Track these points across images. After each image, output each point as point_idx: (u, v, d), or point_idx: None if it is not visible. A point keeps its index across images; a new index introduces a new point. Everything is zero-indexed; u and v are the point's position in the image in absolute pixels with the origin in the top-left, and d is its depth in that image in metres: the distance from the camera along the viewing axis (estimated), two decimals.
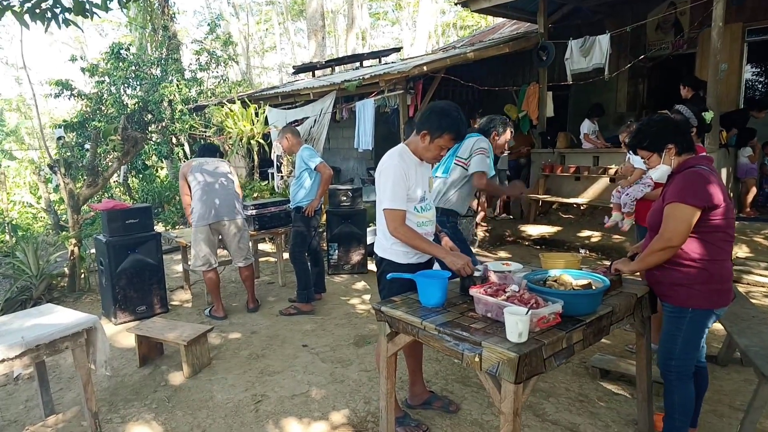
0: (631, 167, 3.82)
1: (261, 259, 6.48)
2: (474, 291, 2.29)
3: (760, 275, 5.32)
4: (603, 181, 7.89)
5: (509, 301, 2.16)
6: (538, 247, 7.26)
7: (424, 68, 6.99)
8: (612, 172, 7.75)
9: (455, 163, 3.70)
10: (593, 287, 2.32)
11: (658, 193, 3.58)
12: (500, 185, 3.93)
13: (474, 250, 4.91)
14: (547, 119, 8.83)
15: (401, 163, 2.53)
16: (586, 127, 8.34)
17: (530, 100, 8.73)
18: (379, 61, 11.66)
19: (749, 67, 9.52)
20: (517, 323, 1.94)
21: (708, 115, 6.72)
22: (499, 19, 12.71)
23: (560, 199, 8.02)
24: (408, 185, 2.55)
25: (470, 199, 3.82)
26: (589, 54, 7.81)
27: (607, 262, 2.61)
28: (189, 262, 5.02)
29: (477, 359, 1.98)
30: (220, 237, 4.66)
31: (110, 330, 4.37)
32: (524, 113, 8.76)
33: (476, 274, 2.60)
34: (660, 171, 2.45)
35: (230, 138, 7.89)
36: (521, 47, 8.27)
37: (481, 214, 5.57)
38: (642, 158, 2.52)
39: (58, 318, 2.73)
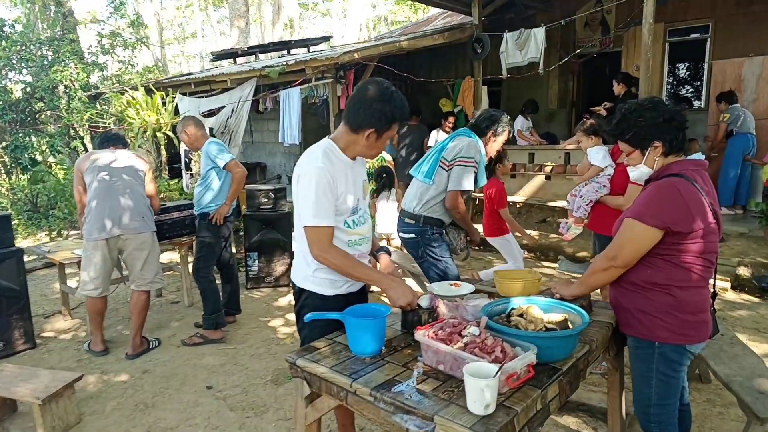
0: (587, 164, 3.42)
1: (165, 273, 5.51)
2: (421, 335, 1.73)
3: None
4: (539, 179, 7.71)
5: (468, 351, 1.63)
6: (477, 248, 6.90)
7: (355, 55, 6.41)
8: (548, 169, 7.58)
9: (440, 166, 3.07)
10: (569, 324, 1.84)
11: (620, 203, 3.21)
12: (469, 222, 3.26)
13: (461, 263, 4.34)
14: None
15: (327, 166, 1.92)
16: (520, 123, 8.15)
17: (465, 94, 8.44)
18: (308, 50, 10.89)
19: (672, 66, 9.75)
20: (483, 391, 1.40)
21: None
22: (432, 11, 12.38)
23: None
24: (336, 193, 1.95)
25: None
26: (524, 47, 7.58)
27: (547, 264, 2.14)
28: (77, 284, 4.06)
29: None
30: (120, 255, 3.76)
31: None
32: (460, 108, 8.44)
33: (423, 304, 2.05)
34: (639, 172, 2.00)
35: (131, 130, 6.88)
36: (456, 39, 7.91)
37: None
38: (624, 153, 2.04)
39: None
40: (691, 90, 11.03)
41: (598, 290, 3.25)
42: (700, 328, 1.90)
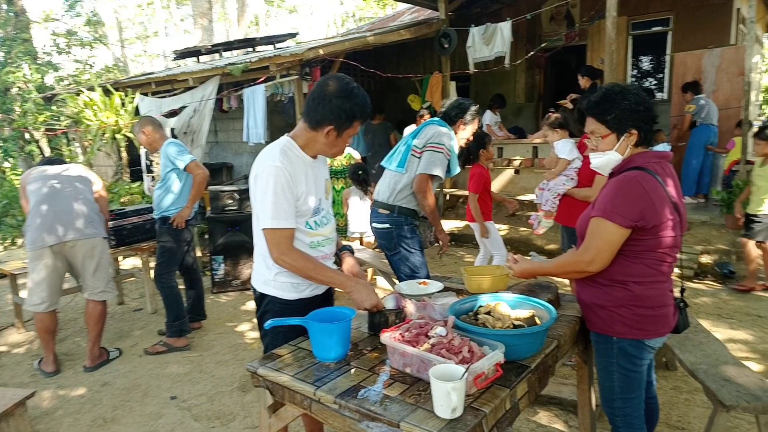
0: (555, 158, 3.42)
1: (127, 280, 5.36)
2: (387, 337, 1.67)
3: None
4: (508, 173, 7.77)
5: (434, 352, 1.58)
6: (449, 243, 6.90)
7: (320, 51, 6.29)
8: (516, 163, 7.64)
9: (412, 154, 3.01)
10: (537, 320, 1.81)
11: (587, 194, 3.22)
12: (436, 214, 3.16)
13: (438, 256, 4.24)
14: None
15: (285, 165, 1.83)
16: (488, 118, 8.18)
17: (434, 90, 8.44)
18: (274, 47, 10.69)
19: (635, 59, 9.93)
20: (449, 394, 1.35)
21: None
22: (400, 7, 12.32)
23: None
24: (296, 194, 1.87)
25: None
26: (491, 42, 7.60)
27: (517, 256, 2.10)
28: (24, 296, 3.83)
29: None
30: (69, 264, 3.54)
31: None
32: (428, 104, 8.41)
33: (389, 304, 1.99)
34: (606, 158, 1.86)
35: (89, 132, 6.60)
36: (423, 34, 7.87)
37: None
38: (587, 134, 1.93)
39: None
40: (654, 82, 11.28)
41: (567, 283, 3.26)
42: (659, 323, 1.86)
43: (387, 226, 3.07)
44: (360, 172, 5.12)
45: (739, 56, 6.62)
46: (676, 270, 1.98)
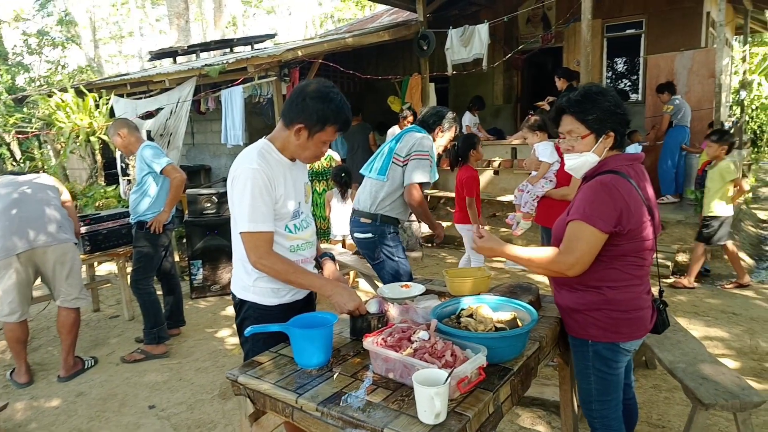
0: (536, 160, 3.44)
1: (103, 286, 5.21)
2: (369, 342, 1.65)
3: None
4: (487, 174, 7.82)
5: (417, 356, 1.56)
6: (430, 245, 6.91)
7: (299, 52, 6.24)
8: (496, 164, 7.70)
9: (393, 162, 2.98)
10: (518, 322, 1.81)
11: (565, 192, 3.26)
12: (430, 215, 3.16)
13: (416, 256, 4.22)
14: None
15: (263, 167, 1.81)
16: (467, 119, 8.24)
17: (413, 91, 8.46)
18: (252, 48, 10.59)
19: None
20: (432, 399, 1.34)
21: None
22: (378, 8, 12.33)
23: (447, 194, 7.83)
24: (275, 197, 1.84)
25: None
26: (469, 44, 7.65)
27: (498, 258, 2.09)
28: None
29: None
30: (39, 271, 3.43)
31: None
32: (408, 105, 8.43)
33: (371, 309, 1.97)
34: (583, 159, 1.83)
35: (61, 135, 6.43)
36: (401, 35, 7.88)
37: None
38: (562, 134, 1.88)
39: None
40: (629, 83, 11.50)
41: (548, 283, 3.28)
42: (634, 326, 1.85)
43: (370, 235, 3.05)
44: (342, 175, 5.10)
45: (710, 59, 6.79)
46: (658, 268, 2.00)
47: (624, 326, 1.84)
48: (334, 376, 1.64)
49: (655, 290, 2.00)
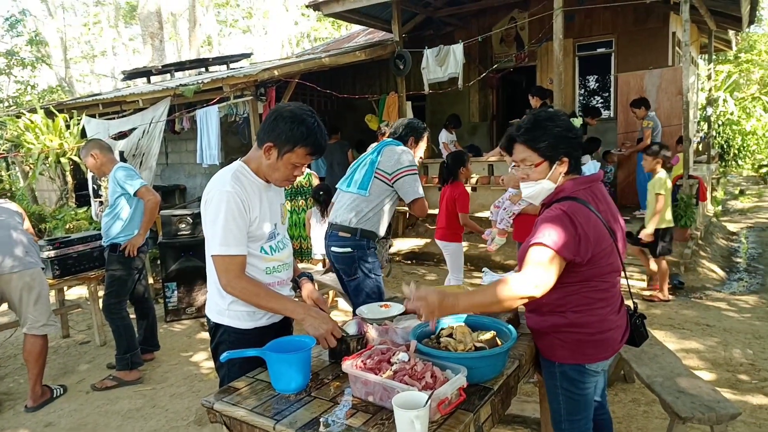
0: (516, 178, 3.47)
1: (74, 311, 5.01)
2: (348, 365, 1.62)
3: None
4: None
5: (397, 379, 1.54)
6: (410, 262, 6.91)
7: (275, 72, 6.24)
8: (473, 181, 7.77)
9: (376, 176, 2.98)
10: (498, 340, 1.81)
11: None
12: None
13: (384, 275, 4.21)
14: None
15: (237, 189, 1.78)
16: (444, 136, 8.33)
17: (390, 110, 8.54)
18: (228, 67, 10.57)
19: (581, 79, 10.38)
20: (413, 422, 1.32)
21: (576, 122, 6.96)
22: (355, 28, 12.46)
23: (433, 211, 7.83)
24: (249, 219, 1.81)
25: (390, 217, 3.15)
26: (444, 63, 7.78)
27: (477, 274, 2.09)
28: None
29: None
30: (3, 297, 3.31)
31: None
32: (386, 123, 8.49)
33: (350, 330, 1.95)
34: (539, 187, 1.80)
35: (30, 156, 6.27)
36: (377, 55, 7.97)
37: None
38: (515, 163, 1.84)
39: None
40: (601, 101, 11.81)
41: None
42: (600, 347, 1.82)
43: (349, 249, 3.01)
44: (321, 193, 5.07)
45: (677, 77, 7.02)
46: (628, 283, 2.02)
47: (589, 348, 1.82)
48: (313, 401, 1.60)
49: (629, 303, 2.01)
